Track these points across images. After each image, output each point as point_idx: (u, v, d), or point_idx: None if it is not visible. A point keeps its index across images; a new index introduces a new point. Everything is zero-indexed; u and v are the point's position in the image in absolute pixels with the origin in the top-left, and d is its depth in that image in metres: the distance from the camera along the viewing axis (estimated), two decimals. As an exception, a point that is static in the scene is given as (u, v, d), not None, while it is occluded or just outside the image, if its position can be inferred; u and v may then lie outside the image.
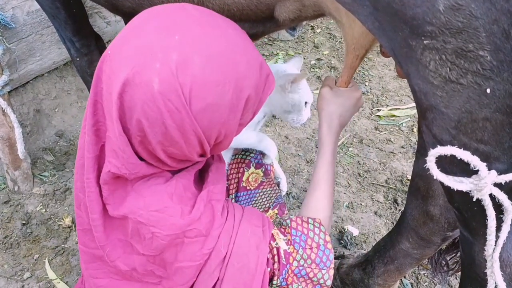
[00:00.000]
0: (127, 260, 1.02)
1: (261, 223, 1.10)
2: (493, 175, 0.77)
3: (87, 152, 0.99)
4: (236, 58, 0.90)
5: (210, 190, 1.06)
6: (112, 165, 0.95)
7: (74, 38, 1.88)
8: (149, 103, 0.86)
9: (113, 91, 0.89)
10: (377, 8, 0.77)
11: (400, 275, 1.62)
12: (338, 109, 1.24)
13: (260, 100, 1.00)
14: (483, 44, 0.67)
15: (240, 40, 0.94)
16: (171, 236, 0.98)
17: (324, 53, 3.37)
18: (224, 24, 0.95)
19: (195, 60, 0.86)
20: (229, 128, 0.96)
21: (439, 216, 1.30)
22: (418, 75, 0.77)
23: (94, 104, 0.99)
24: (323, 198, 1.18)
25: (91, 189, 1.00)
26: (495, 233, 0.84)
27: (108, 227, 1.02)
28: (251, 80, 0.93)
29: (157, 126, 0.89)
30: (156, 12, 0.95)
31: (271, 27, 1.20)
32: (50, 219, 2.14)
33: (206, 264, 1.02)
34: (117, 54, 0.91)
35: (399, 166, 2.48)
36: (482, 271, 0.91)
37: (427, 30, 0.70)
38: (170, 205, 0.98)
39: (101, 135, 0.99)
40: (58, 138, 2.55)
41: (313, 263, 1.07)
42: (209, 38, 0.89)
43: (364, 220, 2.21)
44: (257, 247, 1.05)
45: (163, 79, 0.85)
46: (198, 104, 0.87)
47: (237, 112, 0.94)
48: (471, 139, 0.77)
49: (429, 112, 0.79)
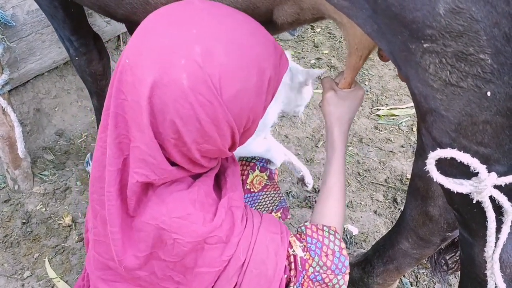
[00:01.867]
0: (146, 266, 1.02)
1: (279, 230, 1.10)
2: (493, 177, 0.77)
3: (109, 165, 0.98)
4: (253, 41, 0.92)
5: (230, 197, 1.06)
6: (139, 175, 0.94)
7: (73, 37, 1.88)
8: (181, 100, 0.86)
9: (140, 98, 0.88)
10: (376, 11, 0.77)
11: (399, 274, 1.63)
12: (347, 112, 1.22)
13: (277, 80, 1.00)
14: (484, 47, 0.67)
15: (251, 23, 0.95)
16: (192, 243, 0.98)
17: (324, 53, 3.37)
18: (232, 12, 0.96)
19: (218, 49, 0.86)
20: (256, 112, 0.96)
21: (439, 217, 1.31)
22: (418, 78, 0.77)
23: (115, 117, 0.97)
24: (337, 206, 1.17)
25: (111, 203, 0.99)
26: (495, 235, 0.84)
27: (127, 241, 1.01)
28: (270, 60, 0.94)
29: (191, 123, 0.88)
30: (164, 12, 0.94)
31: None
32: (50, 218, 2.15)
33: (224, 271, 1.02)
34: (138, 61, 0.90)
35: (399, 165, 2.48)
36: (482, 272, 0.91)
37: (427, 33, 0.70)
38: (192, 212, 0.98)
39: (124, 148, 0.98)
40: (58, 137, 2.55)
41: (329, 269, 1.08)
42: (224, 26, 0.89)
43: (364, 219, 2.21)
44: (276, 254, 1.05)
45: (191, 74, 0.85)
46: (229, 92, 0.87)
47: (262, 94, 0.94)
48: (471, 142, 0.77)
49: (429, 115, 0.79)
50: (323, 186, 1.19)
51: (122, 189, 1.00)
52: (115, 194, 0.99)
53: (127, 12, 1.22)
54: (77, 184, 2.32)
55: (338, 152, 1.20)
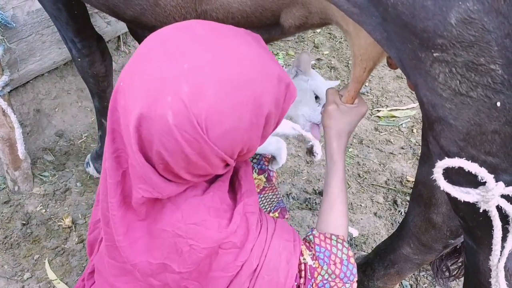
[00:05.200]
0: (159, 277, 1.03)
1: (292, 237, 1.11)
2: (500, 187, 0.78)
3: (109, 177, 0.99)
4: (251, 76, 0.88)
5: (245, 203, 1.06)
6: (143, 191, 0.95)
7: (76, 39, 1.88)
8: (166, 136, 0.85)
9: (130, 124, 0.88)
10: (386, 19, 0.77)
11: (400, 278, 1.63)
12: (347, 127, 1.22)
13: (282, 111, 0.98)
14: (495, 58, 0.67)
15: (253, 56, 0.91)
16: (207, 249, 0.98)
17: (324, 53, 3.37)
18: (235, 41, 0.92)
19: (207, 88, 0.84)
20: (251, 144, 0.95)
21: (442, 224, 1.31)
22: (427, 86, 0.77)
23: (112, 132, 0.98)
24: (341, 217, 1.18)
25: (114, 212, 1.00)
26: (500, 243, 0.84)
27: (137, 247, 1.02)
28: (270, 95, 0.91)
29: (177, 155, 0.88)
30: (163, 38, 0.92)
31: (275, 34, 1.19)
32: (50, 219, 2.14)
33: (237, 276, 1.03)
34: (129, 87, 0.90)
35: (399, 167, 2.49)
36: (487, 280, 0.91)
37: (438, 43, 0.70)
38: (207, 218, 0.99)
39: (122, 162, 0.99)
40: (58, 138, 2.55)
41: (337, 277, 1.09)
42: (220, 63, 0.86)
43: (364, 221, 2.21)
44: (288, 261, 1.06)
45: (177, 112, 0.83)
46: (216, 131, 0.86)
47: (258, 129, 0.92)
48: (479, 152, 0.77)
49: (437, 123, 0.80)
50: (326, 198, 1.20)
51: (125, 199, 1.02)
52: (117, 205, 1.01)
53: (136, 13, 1.22)
54: (77, 185, 2.31)
55: (338, 164, 1.21)
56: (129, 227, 1.02)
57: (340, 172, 1.20)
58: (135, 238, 1.02)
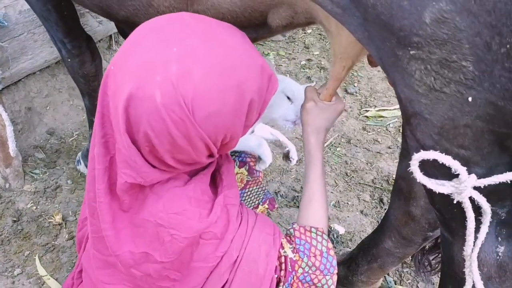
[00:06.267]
0: (141, 267, 1.05)
1: (272, 231, 1.13)
2: (472, 179, 0.81)
3: (97, 163, 1.02)
4: (235, 64, 0.92)
5: (226, 195, 1.09)
6: (127, 176, 0.98)
7: (65, 40, 1.89)
8: (154, 115, 0.88)
9: (118, 105, 0.91)
10: (366, 19, 0.80)
11: (383, 272, 1.67)
12: (324, 123, 1.25)
13: (264, 101, 1.02)
14: (466, 55, 0.71)
15: (239, 45, 0.96)
16: (189, 239, 1.01)
17: (314, 54, 3.40)
18: (221, 31, 0.96)
19: (195, 71, 0.88)
20: (235, 131, 0.98)
21: (420, 217, 1.35)
22: (404, 83, 0.81)
23: (102, 117, 1.01)
24: (319, 209, 1.20)
25: (101, 199, 1.02)
26: (473, 234, 0.87)
27: (123, 236, 1.04)
28: (253, 84, 0.95)
29: (163, 136, 0.91)
30: (153, 25, 0.97)
31: (263, 34, 1.22)
32: (41, 216, 2.15)
33: (217, 266, 1.06)
34: (120, 70, 0.93)
35: (386, 166, 2.53)
36: (461, 270, 0.94)
37: (414, 41, 0.74)
38: (188, 208, 1.01)
39: (110, 147, 1.02)
40: (49, 136, 2.56)
41: (318, 270, 1.11)
42: (207, 47, 0.91)
43: (350, 219, 2.25)
44: (267, 254, 1.09)
45: (165, 92, 0.87)
46: (201, 113, 0.89)
47: (242, 115, 0.96)
48: (452, 145, 0.81)
49: (414, 118, 0.83)
50: (305, 192, 1.23)
51: (111, 187, 1.04)
52: (104, 192, 1.03)
53: (129, 13, 1.24)
54: (68, 183, 2.33)
55: (316, 160, 1.23)
56: (115, 217, 1.04)
57: (318, 167, 1.23)
58: (119, 228, 1.04)
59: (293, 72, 3.22)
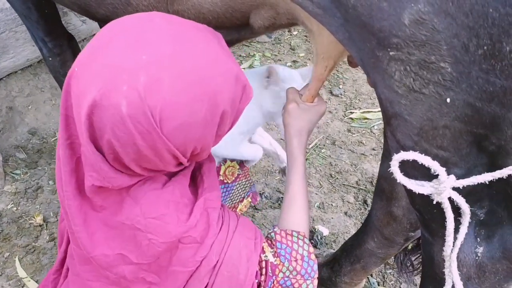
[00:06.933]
0: (116, 269, 1.02)
1: (254, 235, 1.11)
2: (451, 180, 0.81)
3: (63, 165, 0.98)
4: (208, 74, 0.88)
5: (206, 198, 1.06)
6: (94, 179, 0.94)
7: (46, 38, 1.87)
8: (119, 125, 0.84)
9: (81, 111, 0.86)
10: (347, 20, 0.81)
11: (366, 273, 1.67)
12: (307, 125, 1.24)
13: (237, 111, 0.98)
14: (444, 56, 0.71)
15: (212, 53, 0.91)
16: (167, 244, 0.98)
17: (300, 56, 3.41)
18: (195, 37, 0.91)
19: (164, 81, 0.83)
20: (205, 142, 0.95)
21: (402, 217, 1.35)
22: (384, 84, 0.81)
23: (66, 118, 0.96)
24: (301, 212, 1.19)
25: (70, 202, 0.99)
26: (453, 235, 0.88)
27: (95, 238, 1.01)
28: (226, 94, 0.91)
29: (128, 146, 0.87)
30: (124, 26, 0.91)
31: (246, 34, 1.21)
32: (21, 217, 2.12)
33: (197, 271, 1.03)
34: (84, 73, 0.88)
35: (370, 168, 2.54)
36: (441, 270, 0.94)
37: (393, 42, 0.74)
38: (166, 212, 0.98)
39: (76, 148, 0.98)
40: (30, 136, 2.53)
41: (298, 274, 1.10)
42: (178, 56, 0.86)
43: (335, 220, 2.26)
44: (248, 259, 1.07)
45: (131, 102, 0.83)
46: (170, 125, 0.86)
47: (213, 127, 0.93)
48: (431, 145, 0.81)
49: (394, 119, 0.83)
50: (286, 195, 1.22)
51: (80, 187, 1.00)
52: (72, 194, 0.99)
53: (108, 12, 1.23)
54: (49, 184, 2.30)
55: (298, 162, 1.22)
56: (86, 218, 1.00)
57: (300, 169, 1.22)
58: (93, 230, 1.01)
59: (278, 74, 3.22)
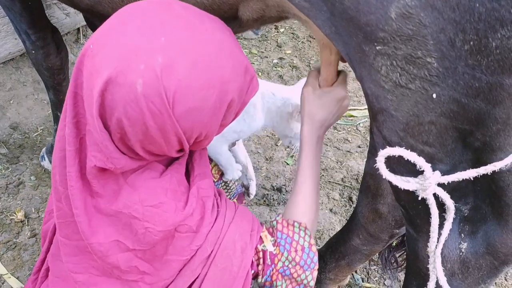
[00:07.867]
0: (110, 259, 1.02)
1: (251, 227, 1.11)
2: (437, 176, 0.82)
3: (67, 145, 0.98)
4: (222, 62, 0.91)
5: (199, 187, 1.07)
6: (97, 159, 0.95)
7: (30, 31, 1.84)
8: (132, 103, 0.86)
9: (94, 88, 0.87)
10: (334, 14, 0.80)
11: (351, 270, 1.68)
12: (320, 111, 1.19)
13: (243, 102, 1.01)
14: (431, 51, 0.71)
15: (226, 43, 0.94)
16: (164, 232, 0.99)
17: (286, 53, 3.41)
18: (211, 26, 0.94)
19: (181, 64, 0.86)
20: (210, 129, 0.97)
21: (387, 214, 1.36)
22: (371, 79, 0.80)
23: (74, 96, 0.97)
24: (305, 202, 1.17)
25: (72, 183, 0.99)
26: (437, 231, 0.88)
27: (93, 224, 1.00)
28: (236, 84, 0.94)
29: (138, 126, 0.88)
30: (143, 9, 0.93)
31: (234, 28, 1.19)
32: (2, 213, 2.08)
33: (191, 260, 1.04)
34: (100, 51, 0.89)
35: (355, 165, 2.55)
36: (425, 266, 0.95)
37: (380, 36, 0.74)
38: (164, 200, 0.99)
39: (81, 128, 0.98)
40: (12, 131, 2.48)
41: (298, 265, 1.10)
42: (195, 42, 0.89)
43: (320, 217, 2.25)
44: (242, 251, 1.07)
45: (147, 82, 0.84)
46: (181, 107, 0.87)
47: (220, 114, 0.95)
48: (417, 141, 0.81)
49: (380, 114, 0.83)
50: (294, 184, 1.20)
51: (82, 170, 1.00)
52: (75, 175, 0.99)
53: (93, 2, 1.21)
54: (31, 179, 2.26)
55: (306, 150, 1.19)
56: (86, 202, 1.00)
57: (309, 158, 1.19)
58: (90, 215, 1.00)
59: (265, 71, 3.22)
